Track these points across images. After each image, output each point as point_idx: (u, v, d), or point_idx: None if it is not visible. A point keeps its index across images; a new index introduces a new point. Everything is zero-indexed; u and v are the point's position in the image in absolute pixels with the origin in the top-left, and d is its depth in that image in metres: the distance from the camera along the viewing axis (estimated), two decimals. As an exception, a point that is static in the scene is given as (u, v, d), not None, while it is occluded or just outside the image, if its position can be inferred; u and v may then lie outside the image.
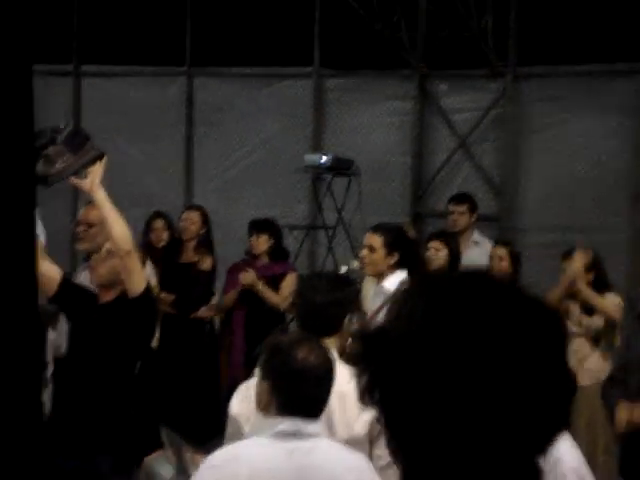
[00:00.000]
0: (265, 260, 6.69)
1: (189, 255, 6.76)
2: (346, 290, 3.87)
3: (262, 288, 6.54)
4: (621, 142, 8.82)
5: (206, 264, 6.69)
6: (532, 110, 9.28)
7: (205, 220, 6.81)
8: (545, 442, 1.25)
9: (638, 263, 8.60)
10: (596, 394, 5.48)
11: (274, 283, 6.60)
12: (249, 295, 6.56)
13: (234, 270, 6.72)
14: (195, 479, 3.08)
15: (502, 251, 6.21)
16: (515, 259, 6.23)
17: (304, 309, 3.79)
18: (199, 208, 6.96)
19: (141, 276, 4.88)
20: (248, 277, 6.51)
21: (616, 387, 5.14)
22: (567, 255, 6.02)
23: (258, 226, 6.67)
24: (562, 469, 3.51)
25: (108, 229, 4.66)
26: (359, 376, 1.29)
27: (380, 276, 5.36)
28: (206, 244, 6.79)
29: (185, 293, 6.54)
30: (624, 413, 4.87)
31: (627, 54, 8.71)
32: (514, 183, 9.37)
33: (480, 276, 1.32)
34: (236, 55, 10.76)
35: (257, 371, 3.34)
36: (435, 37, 9.52)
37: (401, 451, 1.28)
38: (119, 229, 4.64)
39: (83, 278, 5.62)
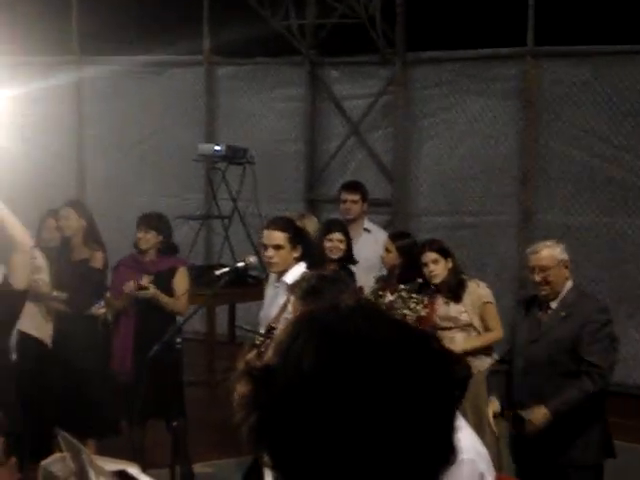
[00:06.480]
0: (152, 256, 6.53)
1: (80, 252, 6.66)
2: None
3: (162, 299, 6.38)
4: (506, 125, 9.02)
5: (97, 261, 6.61)
6: (421, 95, 9.40)
7: (81, 213, 6.68)
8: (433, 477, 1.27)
9: (526, 244, 8.81)
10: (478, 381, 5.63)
11: (163, 278, 6.48)
12: (140, 302, 6.41)
13: (121, 266, 6.59)
14: None
15: (389, 244, 6.33)
16: (404, 251, 6.23)
17: None
18: (73, 203, 6.87)
19: (26, 275, 5.14)
20: (148, 292, 6.34)
21: (499, 375, 5.32)
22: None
23: (146, 221, 6.54)
24: (460, 459, 3.56)
25: (9, 232, 4.94)
26: (247, 416, 1.27)
27: (283, 271, 5.36)
28: (92, 236, 6.67)
29: (78, 290, 6.46)
30: (492, 408, 5.11)
31: (510, 39, 8.90)
32: (406, 168, 9.50)
33: (368, 313, 1.30)
34: (126, 44, 10.62)
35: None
36: (324, 25, 9.57)
37: None
38: (19, 230, 4.99)
39: None
